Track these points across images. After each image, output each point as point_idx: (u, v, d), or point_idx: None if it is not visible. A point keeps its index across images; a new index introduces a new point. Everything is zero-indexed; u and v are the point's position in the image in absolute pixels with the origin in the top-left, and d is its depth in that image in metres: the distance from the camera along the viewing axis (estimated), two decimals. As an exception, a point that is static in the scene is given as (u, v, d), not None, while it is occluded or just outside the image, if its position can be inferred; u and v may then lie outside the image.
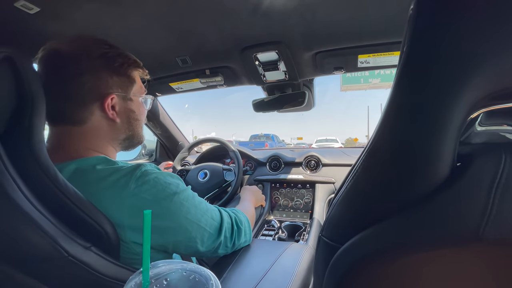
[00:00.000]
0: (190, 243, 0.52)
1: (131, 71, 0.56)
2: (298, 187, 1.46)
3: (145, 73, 0.61)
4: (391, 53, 0.88)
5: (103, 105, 0.52)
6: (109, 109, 0.53)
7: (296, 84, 1.18)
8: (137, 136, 0.60)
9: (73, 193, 0.42)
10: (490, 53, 0.23)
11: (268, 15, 0.74)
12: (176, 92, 1.34)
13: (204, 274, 0.27)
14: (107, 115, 0.53)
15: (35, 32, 0.75)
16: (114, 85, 0.53)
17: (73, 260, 0.38)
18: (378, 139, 0.30)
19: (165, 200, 0.48)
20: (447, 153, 0.27)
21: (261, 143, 10.77)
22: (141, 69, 0.59)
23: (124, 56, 0.55)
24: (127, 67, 0.55)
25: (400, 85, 0.28)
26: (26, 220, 0.36)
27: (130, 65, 0.56)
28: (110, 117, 0.53)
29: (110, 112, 0.53)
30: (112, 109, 0.53)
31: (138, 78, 0.59)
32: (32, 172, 0.39)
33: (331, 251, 0.35)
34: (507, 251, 0.28)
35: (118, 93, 0.54)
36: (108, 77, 0.52)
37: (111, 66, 0.53)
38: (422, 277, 0.31)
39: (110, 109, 0.53)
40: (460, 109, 0.26)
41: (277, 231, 1.31)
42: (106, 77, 0.52)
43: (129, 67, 0.56)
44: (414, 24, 0.26)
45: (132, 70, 0.56)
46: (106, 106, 0.52)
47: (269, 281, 0.56)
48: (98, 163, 0.49)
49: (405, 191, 0.30)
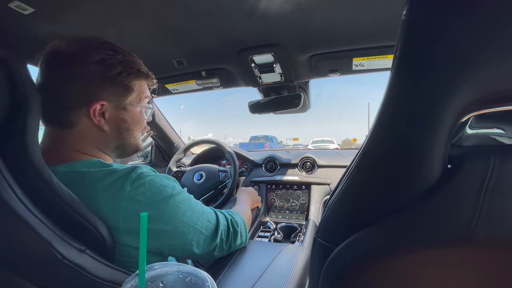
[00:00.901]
0: (186, 246, 0.52)
1: (131, 80, 0.54)
2: (293, 188, 1.47)
3: (152, 82, 0.59)
4: (385, 56, 0.90)
5: (89, 111, 0.50)
6: (95, 116, 0.51)
7: (291, 86, 1.18)
8: (130, 145, 0.58)
9: (67, 196, 0.42)
10: (481, 59, 0.24)
11: (264, 18, 0.75)
12: (171, 94, 1.34)
13: (200, 276, 0.27)
14: (93, 121, 0.51)
15: (29, 33, 0.74)
16: (105, 93, 0.51)
17: (67, 264, 0.38)
18: (371, 142, 0.31)
19: (160, 203, 0.48)
20: (438, 156, 0.28)
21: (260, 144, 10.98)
22: (145, 79, 0.57)
23: (126, 64, 0.53)
24: (126, 76, 0.53)
25: (392, 89, 0.28)
26: (20, 223, 0.35)
27: (130, 74, 0.53)
28: (96, 124, 0.51)
29: (96, 119, 0.51)
30: (100, 116, 0.51)
31: (140, 87, 0.56)
32: (26, 174, 0.39)
33: (326, 252, 0.36)
34: (497, 252, 0.28)
35: (110, 101, 0.52)
36: (100, 84, 0.51)
37: (106, 74, 0.51)
38: (416, 277, 0.32)
39: (96, 116, 0.51)
40: (451, 112, 0.26)
41: (272, 233, 1.31)
42: (97, 84, 0.50)
43: (129, 76, 0.53)
44: (407, 29, 0.26)
45: (132, 79, 0.54)
46: (92, 113, 0.50)
47: (265, 282, 0.57)
48: (92, 166, 0.49)
49: (397, 193, 0.30)
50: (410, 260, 0.30)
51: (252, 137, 13.43)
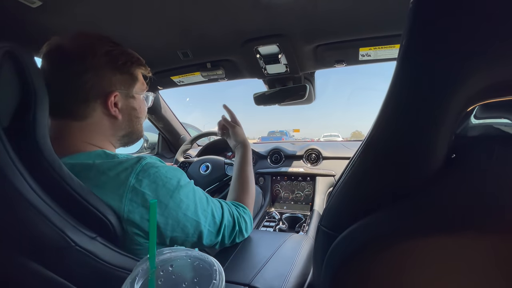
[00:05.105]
0: (187, 239, 0.52)
1: (134, 69, 0.56)
2: (298, 179, 1.48)
3: (148, 70, 0.61)
4: (392, 46, 0.88)
5: (106, 102, 0.52)
6: (111, 107, 0.53)
7: (297, 77, 1.18)
8: (137, 132, 0.61)
9: (78, 186, 0.43)
10: (490, 49, 0.24)
11: (270, 8, 0.74)
12: (177, 86, 1.35)
13: (208, 260, 0.28)
14: (109, 112, 0.53)
15: (37, 26, 0.75)
16: (117, 83, 0.53)
17: (80, 249, 0.40)
18: (375, 131, 0.31)
19: (165, 196, 0.48)
20: (442, 146, 0.28)
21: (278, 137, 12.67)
22: (144, 67, 0.59)
23: (127, 54, 0.55)
24: (130, 65, 0.55)
25: (398, 78, 0.28)
26: (34, 210, 0.37)
27: (133, 63, 0.56)
28: (112, 114, 0.54)
29: (112, 109, 0.53)
30: (114, 106, 0.54)
31: (141, 76, 0.59)
32: (38, 165, 0.40)
33: (329, 240, 0.36)
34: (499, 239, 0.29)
35: (121, 91, 0.54)
36: (112, 75, 0.53)
37: (115, 64, 0.53)
38: (418, 263, 0.32)
39: (112, 107, 0.53)
40: (456, 102, 0.26)
41: (277, 223, 1.33)
42: (109, 75, 0.52)
43: (132, 65, 0.56)
44: (414, 17, 0.26)
45: (135, 68, 0.57)
46: (109, 104, 0.52)
47: (270, 269, 0.58)
48: (97, 157, 0.49)
49: (400, 182, 0.31)
50: (411, 247, 0.31)
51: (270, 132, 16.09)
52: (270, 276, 0.56)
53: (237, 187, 0.75)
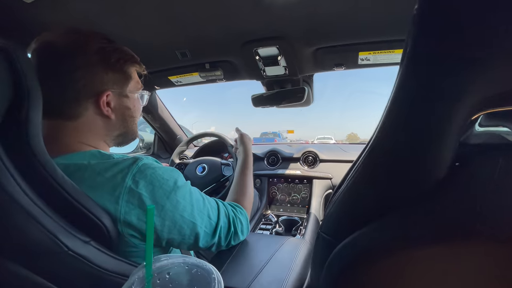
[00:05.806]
0: (184, 241, 0.51)
1: (128, 67, 0.55)
2: (295, 182, 1.47)
3: (142, 68, 0.59)
4: (392, 51, 0.88)
5: (98, 102, 0.51)
6: (104, 106, 0.51)
7: (295, 79, 1.17)
8: (131, 132, 0.59)
9: (71, 188, 0.42)
10: (496, 57, 0.23)
11: (270, 10, 0.73)
12: (175, 86, 1.33)
13: (206, 268, 0.28)
14: (101, 111, 0.52)
15: (31, 22, 0.73)
16: (109, 82, 0.52)
17: (73, 255, 0.38)
18: (378, 138, 0.31)
19: (161, 197, 0.48)
20: (446, 154, 0.28)
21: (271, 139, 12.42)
22: (138, 65, 0.58)
23: (120, 51, 0.54)
24: (123, 63, 0.53)
25: (401, 85, 0.28)
26: (25, 214, 0.35)
27: (126, 61, 0.54)
28: (105, 114, 0.52)
29: (105, 109, 0.52)
30: (107, 106, 0.52)
31: (135, 74, 0.58)
32: (30, 166, 0.39)
33: (329, 247, 0.36)
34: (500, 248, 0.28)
35: (114, 90, 0.53)
36: (104, 73, 0.51)
37: (107, 62, 0.51)
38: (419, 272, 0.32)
39: (105, 106, 0.51)
40: (461, 110, 0.26)
41: (274, 226, 1.32)
42: (101, 73, 0.51)
43: (126, 63, 0.54)
44: (418, 24, 0.26)
45: (128, 66, 0.55)
46: (101, 103, 0.51)
47: (268, 274, 0.57)
48: (92, 157, 0.48)
49: (403, 190, 0.30)
50: (413, 256, 0.31)
51: (263, 133, 15.95)
52: (267, 281, 0.55)
53: (237, 190, 0.76)
